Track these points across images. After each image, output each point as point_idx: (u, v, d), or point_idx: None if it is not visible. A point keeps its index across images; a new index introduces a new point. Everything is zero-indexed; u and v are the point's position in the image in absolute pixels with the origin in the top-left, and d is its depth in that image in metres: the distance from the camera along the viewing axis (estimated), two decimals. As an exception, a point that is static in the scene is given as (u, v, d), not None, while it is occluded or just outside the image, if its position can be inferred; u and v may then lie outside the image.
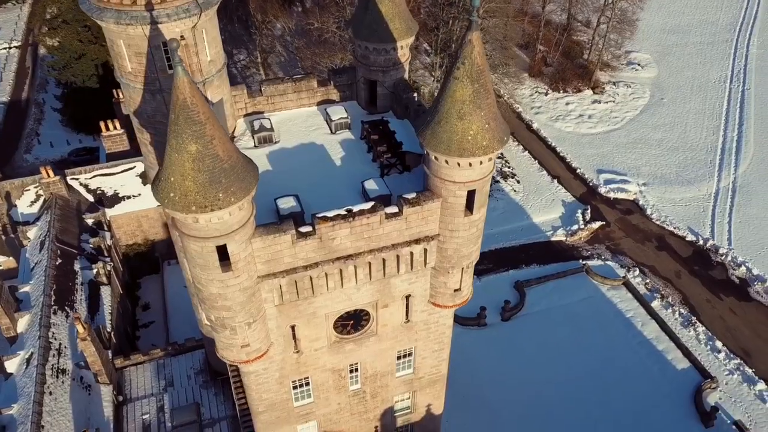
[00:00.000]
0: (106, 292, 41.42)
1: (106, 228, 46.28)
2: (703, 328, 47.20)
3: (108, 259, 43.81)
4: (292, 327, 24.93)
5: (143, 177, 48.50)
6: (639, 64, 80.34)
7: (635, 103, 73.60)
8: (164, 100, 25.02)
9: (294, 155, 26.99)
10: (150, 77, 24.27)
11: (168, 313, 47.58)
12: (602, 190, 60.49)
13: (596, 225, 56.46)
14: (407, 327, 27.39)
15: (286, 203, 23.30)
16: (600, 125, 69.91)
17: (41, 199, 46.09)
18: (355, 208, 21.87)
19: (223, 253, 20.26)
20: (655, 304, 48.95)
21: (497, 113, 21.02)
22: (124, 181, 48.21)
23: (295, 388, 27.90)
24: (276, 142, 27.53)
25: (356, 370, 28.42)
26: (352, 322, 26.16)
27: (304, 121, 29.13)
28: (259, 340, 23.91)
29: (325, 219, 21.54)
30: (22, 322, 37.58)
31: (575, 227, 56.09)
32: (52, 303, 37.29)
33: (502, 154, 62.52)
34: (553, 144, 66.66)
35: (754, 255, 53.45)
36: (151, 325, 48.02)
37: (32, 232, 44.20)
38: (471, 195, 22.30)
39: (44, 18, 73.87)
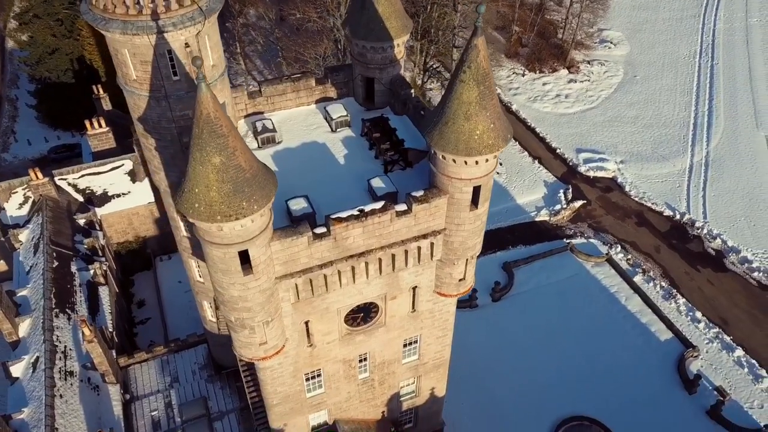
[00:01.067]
0: (104, 293, 41.64)
1: (98, 227, 46.23)
2: (684, 299, 49.42)
3: (103, 259, 43.89)
4: (306, 323, 25.82)
5: (132, 175, 48.52)
6: (611, 42, 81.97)
7: (609, 81, 75.32)
8: (169, 105, 25.35)
9: (298, 155, 27.61)
10: (155, 84, 24.52)
11: (164, 309, 47.97)
12: (582, 169, 62.19)
13: (578, 204, 58.19)
14: (413, 316, 28.50)
15: (298, 204, 23.99)
16: (577, 104, 71.47)
17: (30, 201, 45.76)
18: (367, 208, 22.71)
19: (244, 257, 20.98)
20: (638, 278, 51.02)
21: (501, 112, 21.98)
22: (113, 179, 48.09)
23: (307, 380, 28.89)
24: (279, 143, 28.09)
25: (365, 359, 29.51)
26: (362, 314, 27.15)
27: (304, 119, 29.69)
28: (275, 337, 24.77)
29: (339, 220, 22.36)
30: (23, 327, 37.70)
31: (558, 207, 57.74)
32: (54, 306, 37.44)
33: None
34: (532, 125, 68.03)
35: (728, 227, 55.84)
36: (148, 322, 48.38)
37: (24, 235, 43.99)
38: (476, 191, 23.32)
39: (12, 12, 72.14)
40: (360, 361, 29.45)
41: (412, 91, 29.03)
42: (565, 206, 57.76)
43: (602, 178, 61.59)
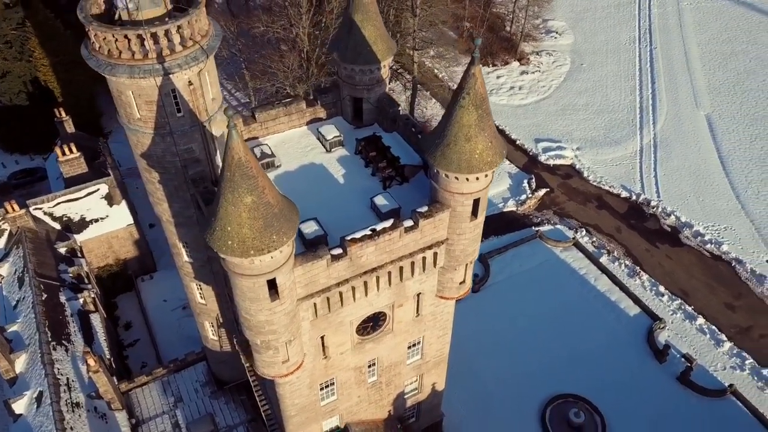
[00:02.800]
0: (96, 320, 41.77)
1: (80, 255, 46.04)
2: (647, 275, 53.06)
3: (90, 286, 43.88)
4: (322, 337, 27.29)
5: (108, 198, 48.45)
6: (557, 32, 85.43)
7: (559, 71, 78.71)
8: (174, 140, 26.21)
9: (298, 177, 28.85)
10: (160, 122, 25.33)
11: (153, 330, 48.30)
12: (542, 158, 65.25)
13: (542, 192, 61.20)
14: (417, 320, 30.33)
15: (309, 228, 25.29)
16: (530, 95, 74.53)
17: (6, 234, 45.13)
18: (379, 227, 24.31)
19: (270, 284, 22.26)
20: (603, 259, 54.39)
21: (496, 131, 23.92)
22: (90, 204, 47.90)
23: (321, 389, 30.38)
24: (278, 167, 29.25)
25: (374, 364, 31.19)
26: (372, 323, 28.80)
27: (298, 142, 30.90)
28: (296, 354, 26.15)
29: (354, 240, 23.88)
30: (20, 362, 37.60)
31: (523, 197, 60.58)
32: (50, 339, 37.49)
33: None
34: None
35: (680, 204, 59.95)
36: (137, 344, 48.57)
37: (4, 269, 43.46)
38: (476, 203, 25.24)
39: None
40: (369, 366, 31.12)
41: (400, 108, 30.67)
42: (530, 195, 60.65)
43: (561, 165, 64.82)
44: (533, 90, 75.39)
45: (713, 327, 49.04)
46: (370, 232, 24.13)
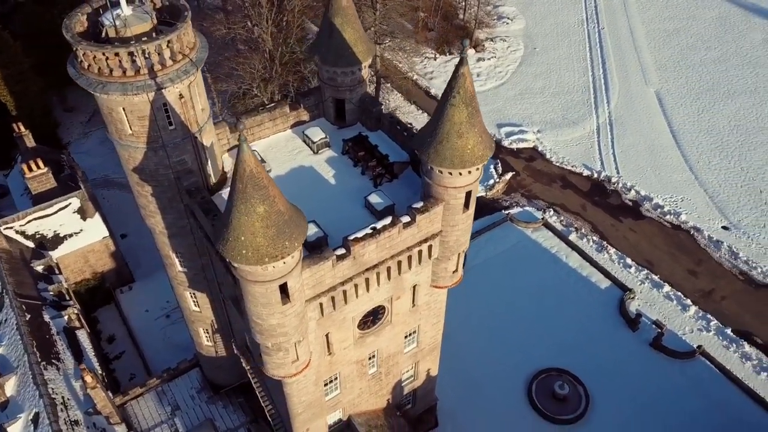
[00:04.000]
0: (83, 336, 41.36)
1: (57, 272, 45.29)
2: (614, 249, 55.62)
3: (72, 303, 43.32)
4: (327, 335, 28.11)
5: (81, 212, 47.71)
6: (508, 18, 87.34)
7: (514, 56, 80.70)
8: (167, 153, 26.44)
9: (290, 180, 29.38)
10: (153, 136, 25.52)
11: (138, 341, 48.02)
12: (505, 142, 67.12)
13: (508, 176, 63.08)
14: (413, 311, 31.43)
15: (310, 230, 25.83)
16: (489, 81, 76.27)
17: (-22, 256, 43.99)
18: (378, 225, 25.23)
19: (281, 288, 22.91)
20: (572, 237, 56.70)
21: (484, 126, 25.07)
22: (62, 220, 47.07)
23: (326, 384, 31.23)
24: (269, 171, 29.70)
25: (374, 356, 32.21)
26: (372, 317, 29.76)
27: (285, 145, 31.41)
28: (304, 353, 26.91)
29: (357, 240, 24.73)
30: (10, 385, 37.00)
31: (491, 181, 62.32)
32: (39, 359, 37.03)
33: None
34: (453, 106, 71.96)
35: (638, 178, 62.82)
36: (123, 356, 48.18)
37: (-19, 292, 42.42)
38: (468, 195, 26.41)
39: None
40: (370, 358, 32.12)
41: (383, 106, 31.49)
42: (497, 180, 62.45)
43: (524, 148, 66.85)
44: (491, 76, 77.16)
45: (679, 293, 51.94)
46: (371, 231, 25.02)
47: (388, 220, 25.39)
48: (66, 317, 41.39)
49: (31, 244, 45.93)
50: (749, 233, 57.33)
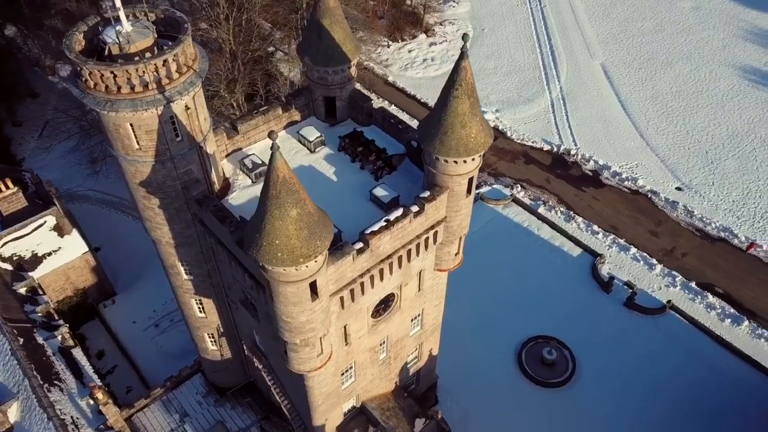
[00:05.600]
0: (79, 354, 40.91)
1: (42, 292, 44.36)
2: (581, 218, 58.57)
3: (62, 322, 42.64)
4: (344, 326, 29.17)
5: (57, 230, 46.75)
6: (454, 1, 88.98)
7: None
8: (174, 165, 26.69)
9: (292, 181, 30.03)
10: (161, 149, 25.72)
11: (131, 353, 47.69)
12: (467, 124, 68.92)
13: (473, 156, 64.99)
14: (419, 295, 32.84)
15: (325, 228, 26.86)
16: (444, 65, 77.91)
17: (-44, 284, 42.66)
18: (392, 217, 26.37)
19: (311, 286, 23.83)
20: (541, 209, 59.34)
21: (483, 116, 26.48)
22: (39, 239, 46.02)
23: (342, 374, 32.35)
24: (270, 174, 30.24)
25: (384, 342, 33.50)
26: (383, 305, 30.99)
27: (282, 146, 31.57)
28: (327, 346, 27.93)
29: (374, 233, 25.82)
30: (12, 412, 36.47)
31: (458, 163, 64.07)
32: (41, 382, 36.58)
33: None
34: (412, 92, 73.43)
35: (595, 149, 66.02)
36: (115, 370, 47.73)
37: (-36, 321, 41.20)
38: (470, 181, 27.85)
39: None
40: (381, 344, 33.39)
41: (373, 101, 32.47)
42: (464, 161, 64.23)
43: (485, 128, 68.85)
44: (445, 60, 78.81)
45: (644, 254, 55.38)
46: (385, 223, 26.13)
47: (399, 212, 26.55)
48: (59, 337, 40.78)
49: (9, 267, 44.74)
50: (700, 192, 61.41)
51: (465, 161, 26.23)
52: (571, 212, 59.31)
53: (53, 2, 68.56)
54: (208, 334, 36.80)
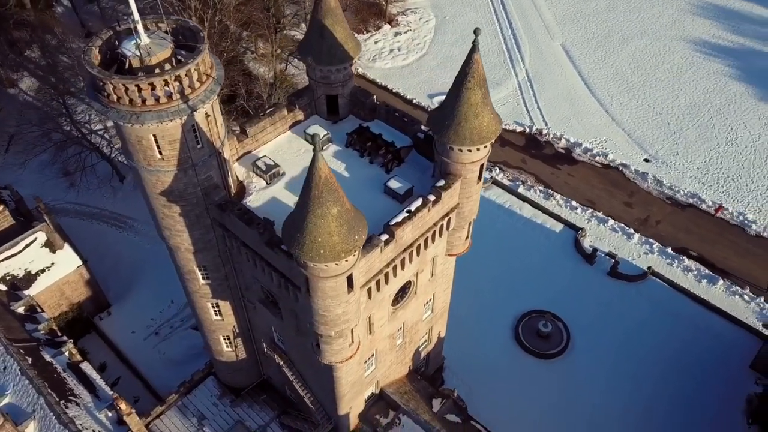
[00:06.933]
0: (88, 368, 40.71)
1: (40, 309, 43.76)
2: (559, 195, 60.90)
3: (65, 338, 42.27)
4: (369, 316, 30.25)
5: (49, 245, 46.07)
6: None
7: (428, 27, 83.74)
8: (195, 172, 27.11)
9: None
10: (183, 157, 26.12)
11: (134, 363, 47.56)
12: (440, 111, 70.37)
13: (450, 142, 66.54)
14: (432, 280, 34.16)
15: (347, 222, 27.78)
16: (411, 54, 79.01)
17: (-50, 309, 41.67)
18: (412, 207, 27.50)
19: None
20: (521, 190, 61.40)
21: (492, 104, 27.80)
22: (31, 256, 45.29)
23: (365, 362, 33.44)
24: (283, 174, 30.94)
25: (402, 328, 34.73)
26: (401, 293, 32.17)
27: (289, 147, 32.61)
28: (356, 336, 28.97)
29: (398, 224, 26.91)
30: (30, 431, 36.22)
31: (436, 150, 65.54)
32: (57, 399, 36.38)
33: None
34: (382, 83, 74.29)
35: (565, 127, 68.46)
36: (120, 381, 47.52)
37: (-36, 346, 40.38)
38: (481, 167, 29.20)
39: None
40: (398, 330, 34.61)
41: (374, 97, 33.38)
42: (441, 148, 65.73)
43: (458, 114, 70.41)
44: (411, 49, 79.89)
45: (621, 224, 58.10)
46: (407, 214, 27.25)
47: (419, 202, 27.70)
48: (66, 353, 40.47)
49: (3, 287, 43.91)
50: (667, 161, 64.61)
51: (478, 149, 27.51)
52: (550, 190, 61.56)
53: (10, 13, 66.42)
54: (223, 337, 37.26)
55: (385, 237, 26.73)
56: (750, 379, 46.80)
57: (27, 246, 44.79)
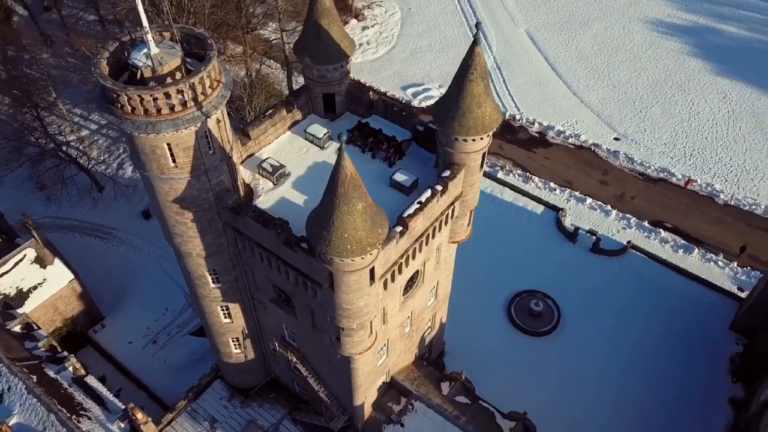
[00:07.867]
0: (94, 382, 40.45)
1: (36, 327, 43.14)
2: (537, 177, 62.70)
3: (66, 353, 41.82)
4: (383, 307, 31.09)
5: (39, 261, 45.37)
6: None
7: (394, 19, 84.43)
8: (208, 178, 27.42)
9: (312, 179, 31.29)
10: (196, 164, 26.41)
11: (136, 373, 47.33)
12: (415, 102, 71.42)
13: (427, 133, 67.63)
14: (437, 268, 35.18)
15: (360, 217, 28.49)
16: (380, 48, 79.64)
17: (-56, 334, 40.75)
18: (423, 198, 28.40)
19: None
20: (500, 175, 62.95)
21: (493, 95, 28.87)
22: (22, 274, 44.64)
23: (378, 351, 34.30)
24: (289, 174, 31.42)
25: (410, 316, 35.69)
26: (410, 282, 33.10)
27: (291, 147, 33.05)
28: (374, 326, 29.80)
29: (411, 216, 27.78)
30: (42, 449, 35.98)
31: (415, 141, 66.52)
32: (68, 415, 36.15)
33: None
34: (355, 77, 74.69)
35: (537, 112, 70.30)
36: (121, 393, 47.18)
37: (-37, 369, 39.60)
38: (483, 156, 30.27)
39: None
40: (407, 319, 35.57)
41: (371, 93, 34.04)
42: (419, 139, 66.74)
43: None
44: (380, 42, 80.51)
45: (598, 202, 60.27)
46: (418, 205, 28.14)
47: (428, 193, 28.62)
48: (70, 368, 40.10)
49: (-4, 307, 43.14)
50: (636, 139, 67.11)
51: (482, 138, 28.55)
52: (528, 173, 63.31)
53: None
54: (233, 339, 37.57)
55: (399, 228, 27.56)
56: (731, 339, 49.51)
57: (17, 264, 44.07)
